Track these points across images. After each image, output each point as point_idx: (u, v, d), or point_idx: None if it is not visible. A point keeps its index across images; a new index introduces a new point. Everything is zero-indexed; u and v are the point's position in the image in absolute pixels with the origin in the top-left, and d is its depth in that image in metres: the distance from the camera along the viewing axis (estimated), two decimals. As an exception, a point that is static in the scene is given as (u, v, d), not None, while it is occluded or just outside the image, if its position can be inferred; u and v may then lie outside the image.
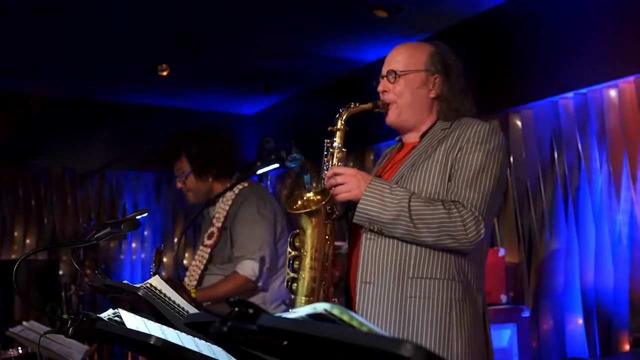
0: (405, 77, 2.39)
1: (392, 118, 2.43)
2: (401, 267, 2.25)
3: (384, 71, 2.44)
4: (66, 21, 5.31)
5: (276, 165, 4.09)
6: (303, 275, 2.23)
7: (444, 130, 2.37)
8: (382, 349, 0.81)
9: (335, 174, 2.27)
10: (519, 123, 5.03)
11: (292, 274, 2.26)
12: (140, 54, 6.12)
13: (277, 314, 1.04)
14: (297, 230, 2.29)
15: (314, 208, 2.22)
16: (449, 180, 2.26)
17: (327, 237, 2.28)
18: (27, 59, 6.24)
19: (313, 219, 2.24)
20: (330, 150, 2.38)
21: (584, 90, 4.51)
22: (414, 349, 0.79)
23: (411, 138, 2.47)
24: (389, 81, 2.41)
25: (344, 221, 2.46)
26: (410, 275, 2.24)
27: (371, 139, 6.01)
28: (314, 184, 2.44)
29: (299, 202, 2.28)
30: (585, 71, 4.46)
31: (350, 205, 2.35)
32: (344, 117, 2.38)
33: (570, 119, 4.64)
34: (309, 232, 2.24)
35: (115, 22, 5.39)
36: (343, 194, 2.25)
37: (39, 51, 6.02)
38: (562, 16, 4.63)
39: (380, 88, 2.44)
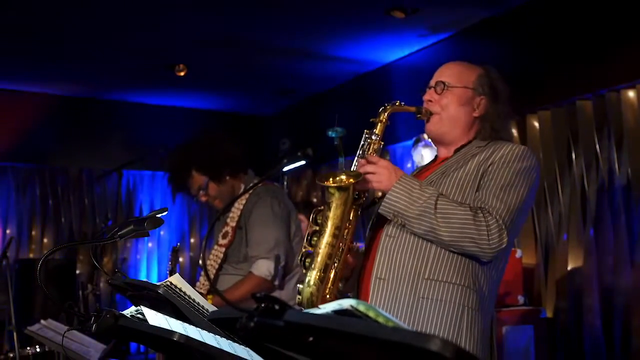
0: (452, 91, 2.42)
1: (432, 127, 2.45)
2: (417, 267, 2.25)
3: (433, 82, 2.47)
4: (84, 21, 5.35)
5: (302, 162, 4.10)
6: (319, 251, 2.24)
7: (478, 147, 2.38)
8: (411, 343, 0.81)
9: (369, 162, 2.29)
10: (536, 124, 5.01)
11: (308, 248, 2.27)
12: (157, 54, 6.15)
13: (304, 310, 1.05)
14: (322, 207, 2.30)
15: (344, 184, 2.24)
16: (477, 190, 2.27)
17: (349, 221, 2.29)
18: (44, 60, 6.29)
19: (340, 196, 2.25)
20: (368, 140, 2.39)
21: (602, 92, 4.49)
22: (442, 344, 0.80)
23: (445, 152, 2.49)
24: (436, 92, 2.43)
25: (365, 216, 2.46)
26: (425, 277, 2.24)
27: (387, 140, 6.00)
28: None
29: (331, 179, 2.29)
30: (603, 73, 4.44)
31: (377, 200, 2.36)
32: (388, 112, 2.40)
33: (587, 120, 4.62)
34: (333, 207, 2.25)
35: (132, 23, 5.42)
36: (373, 183, 2.26)
37: (56, 52, 6.06)
38: (580, 18, 4.61)
39: (426, 97, 2.46)
